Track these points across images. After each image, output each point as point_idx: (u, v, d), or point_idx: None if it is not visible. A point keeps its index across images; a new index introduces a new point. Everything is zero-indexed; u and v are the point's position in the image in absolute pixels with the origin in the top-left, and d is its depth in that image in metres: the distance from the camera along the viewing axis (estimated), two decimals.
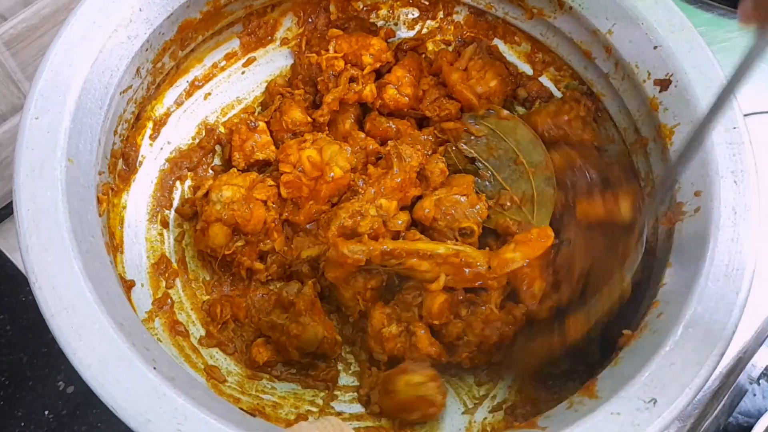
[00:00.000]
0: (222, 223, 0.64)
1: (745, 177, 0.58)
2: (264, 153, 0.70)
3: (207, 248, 0.65)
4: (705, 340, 0.52)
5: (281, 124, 0.71)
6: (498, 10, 0.76)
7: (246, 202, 0.64)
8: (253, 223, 0.65)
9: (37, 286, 0.49)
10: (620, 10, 0.66)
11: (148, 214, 0.68)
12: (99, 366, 0.47)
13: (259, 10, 0.75)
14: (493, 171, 0.70)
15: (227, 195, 0.64)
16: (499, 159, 0.71)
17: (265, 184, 0.66)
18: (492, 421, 0.62)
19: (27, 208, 0.52)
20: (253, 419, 0.53)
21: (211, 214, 0.64)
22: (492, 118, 0.72)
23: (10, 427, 0.67)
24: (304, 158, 0.66)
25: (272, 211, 0.66)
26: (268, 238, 0.66)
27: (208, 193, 0.65)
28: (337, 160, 0.66)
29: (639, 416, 0.49)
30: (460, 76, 0.73)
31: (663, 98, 0.64)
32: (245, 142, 0.70)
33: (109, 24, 0.59)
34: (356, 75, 0.71)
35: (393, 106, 0.72)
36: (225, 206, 0.64)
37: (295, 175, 0.66)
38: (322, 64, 0.71)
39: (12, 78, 0.70)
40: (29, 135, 0.54)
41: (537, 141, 0.70)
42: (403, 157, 0.66)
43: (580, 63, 0.73)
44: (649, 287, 0.61)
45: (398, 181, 0.66)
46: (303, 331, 0.61)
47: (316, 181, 0.66)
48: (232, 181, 0.65)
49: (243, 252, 0.66)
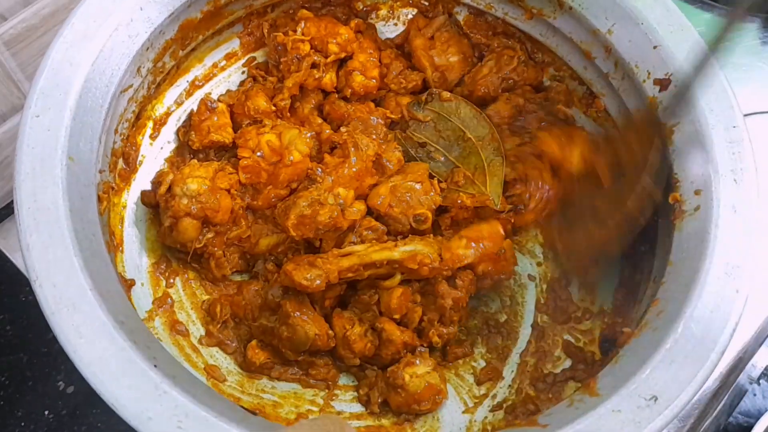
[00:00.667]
0: (191, 217, 0.63)
1: (745, 175, 0.58)
2: (220, 135, 0.69)
3: (176, 243, 0.64)
4: (705, 337, 0.52)
5: (244, 109, 0.71)
6: (498, 11, 0.76)
7: (212, 193, 0.63)
8: (222, 213, 0.64)
9: (38, 284, 0.49)
10: (620, 10, 0.66)
11: (147, 214, 0.68)
12: (99, 364, 0.47)
13: (259, 10, 0.75)
14: (445, 152, 0.71)
15: (193, 188, 0.63)
16: (448, 139, 0.72)
17: (225, 173, 0.65)
18: (492, 420, 0.62)
19: (28, 206, 0.52)
20: (254, 417, 0.53)
21: (179, 209, 0.63)
22: (435, 101, 0.73)
23: (10, 427, 0.66)
24: (264, 143, 0.66)
25: (238, 198, 0.66)
26: (236, 226, 0.66)
27: (171, 188, 0.64)
28: (296, 144, 0.66)
29: (640, 414, 0.49)
30: (424, 42, 0.74)
31: (662, 98, 0.64)
32: (203, 122, 0.69)
33: (109, 23, 0.59)
34: (319, 62, 0.71)
35: (363, 92, 0.73)
36: (192, 199, 0.63)
37: (254, 160, 0.66)
38: (288, 45, 0.71)
39: (12, 78, 0.70)
40: (30, 133, 0.54)
41: (480, 115, 0.72)
42: (359, 146, 0.66)
43: (580, 63, 0.73)
44: (649, 285, 0.61)
45: (355, 170, 0.66)
46: (294, 333, 0.61)
47: (275, 165, 0.66)
48: (196, 173, 0.64)
49: (214, 243, 0.65)
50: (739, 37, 0.84)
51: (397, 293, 0.63)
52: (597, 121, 0.74)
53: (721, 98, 0.61)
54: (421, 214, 0.65)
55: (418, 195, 0.66)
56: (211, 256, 0.66)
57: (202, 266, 0.67)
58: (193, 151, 0.70)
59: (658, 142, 0.60)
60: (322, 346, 0.62)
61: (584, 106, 0.75)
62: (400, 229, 0.66)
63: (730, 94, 0.61)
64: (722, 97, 0.61)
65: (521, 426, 0.54)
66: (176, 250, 0.66)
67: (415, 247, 0.62)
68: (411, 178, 0.67)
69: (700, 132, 0.60)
